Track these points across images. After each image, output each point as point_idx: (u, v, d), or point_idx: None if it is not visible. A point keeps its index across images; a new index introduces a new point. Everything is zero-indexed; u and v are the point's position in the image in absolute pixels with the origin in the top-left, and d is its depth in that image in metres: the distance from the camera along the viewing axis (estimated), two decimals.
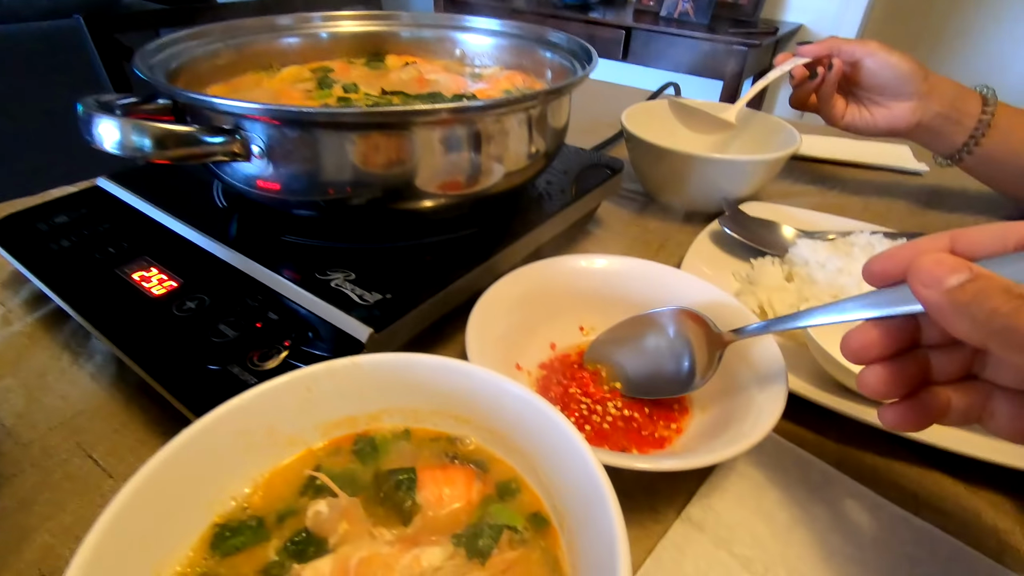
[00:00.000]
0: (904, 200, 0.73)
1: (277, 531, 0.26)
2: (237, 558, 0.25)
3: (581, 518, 0.25)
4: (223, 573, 0.25)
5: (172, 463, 0.25)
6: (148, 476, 0.24)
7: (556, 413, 0.27)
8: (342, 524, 0.26)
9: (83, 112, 0.36)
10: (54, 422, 0.39)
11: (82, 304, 0.40)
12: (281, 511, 0.27)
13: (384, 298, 0.39)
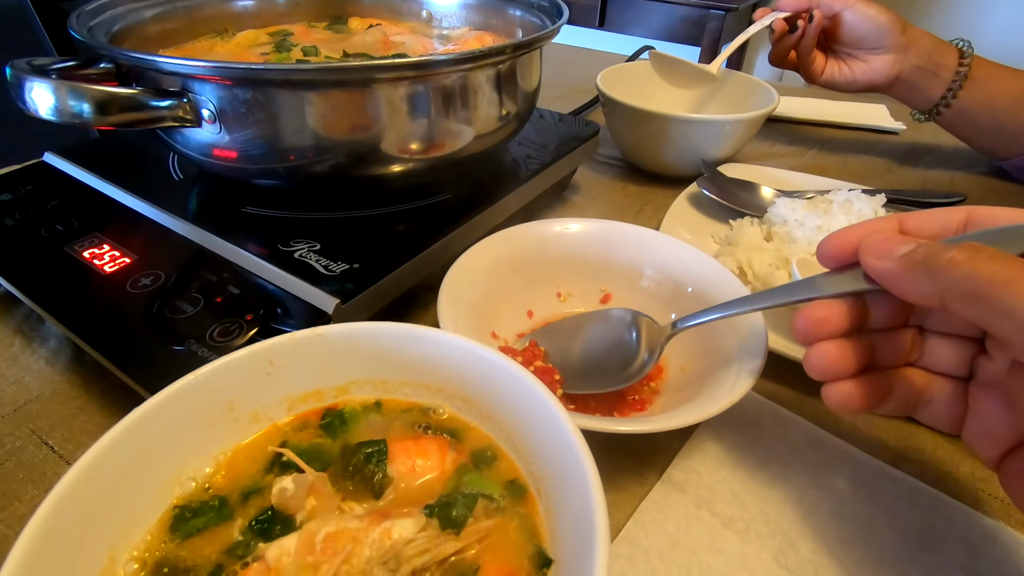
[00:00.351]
0: (882, 158, 0.73)
1: (241, 510, 0.25)
2: (199, 539, 0.24)
3: (558, 483, 0.25)
4: (184, 556, 0.24)
5: (122, 443, 0.24)
6: (95, 458, 0.23)
7: (529, 376, 0.26)
8: (309, 500, 0.25)
9: (12, 76, 0.34)
10: (6, 409, 0.37)
11: (30, 286, 0.37)
12: (246, 489, 0.26)
13: (351, 268, 0.37)
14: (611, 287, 0.44)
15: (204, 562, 0.23)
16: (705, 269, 0.40)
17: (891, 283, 0.25)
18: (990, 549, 0.29)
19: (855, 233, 0.27)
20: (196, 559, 0.24)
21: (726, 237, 0.52)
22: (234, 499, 0.26)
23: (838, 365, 0.27)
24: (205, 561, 0.23)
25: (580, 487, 0.22)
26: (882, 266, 0.25)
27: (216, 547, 0.24)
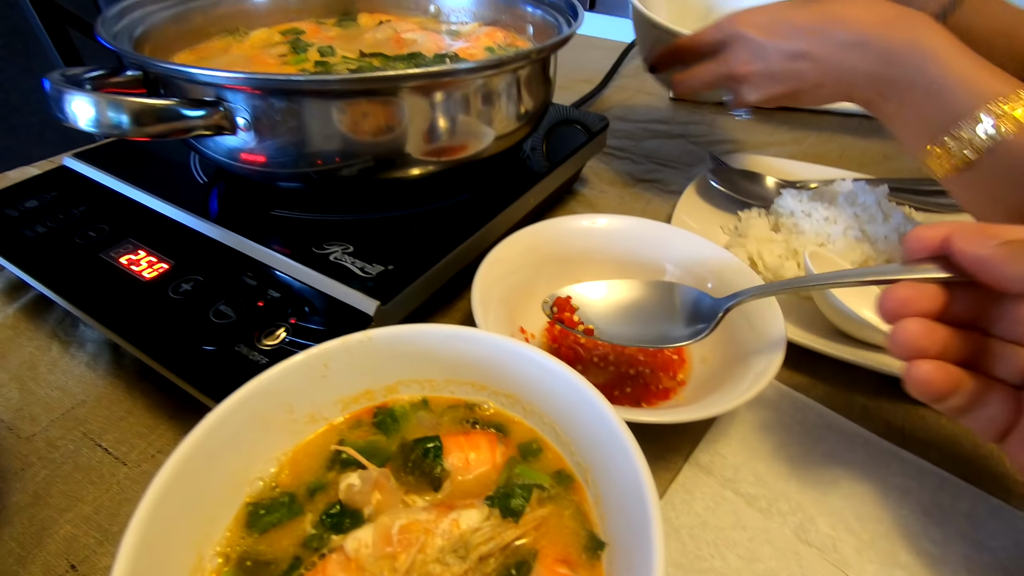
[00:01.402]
0: (879, 145, 0.75)
1: (310, 505, 0.27)
2: (274, 534, 0.26)
3: (605, 472, 0.27)
4: (263, 549, 0.25)
5: (197, 450, 0.25)
6: (178, 463, 0.24)
7: (574, 374, 0.28)
8: (375, 495, 0.27)
9: (52, 89, 0.34)
10: (55, 414, 0.38)
11: (75, 294, 0.38)
12: (311, 485, 0.28)
13: (386, 270, 0.38)
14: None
15: (283, 554, 0.25)
16: (725, 265, 0.42)
17: (988, 268, 0.25)
18: (992, 523, 0.32)
19: (943, 228, 0.27)
20: (275, 552, 0.25)
21: (735, 228, 0.54)
22: (301, 495, 0.27)
23: (923, 342, 0.26)
24: (284, 553, 0.25)
25: (629, 475, 0.24)
26: (980, 251, 0.25)
27: (292, 540, 0.26)
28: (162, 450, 0.36)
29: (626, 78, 0.95)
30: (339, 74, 0.44)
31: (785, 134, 0.78)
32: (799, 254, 0.48)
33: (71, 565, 0.30)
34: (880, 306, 0.28)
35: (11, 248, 0.42)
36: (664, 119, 0.82)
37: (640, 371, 0.40)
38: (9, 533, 0.31)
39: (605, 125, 0.60)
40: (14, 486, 0.34)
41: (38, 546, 0.31)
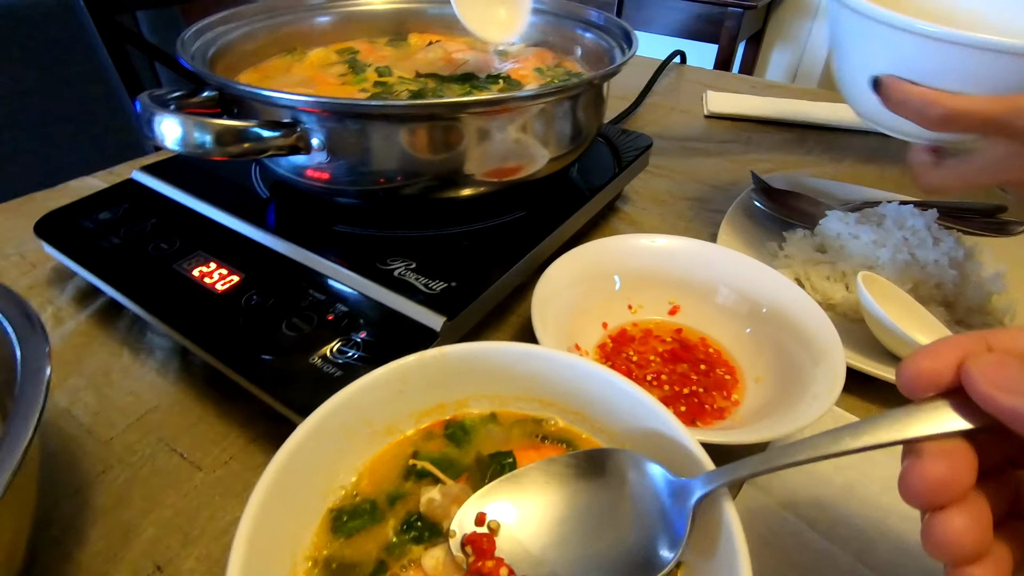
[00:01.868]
0: None
1: (391, 512, 0.28)
2: (359, 539, 0.27)
3: None
4: (348, 554, 0.27)
5: (290, 461, 0.26)
6: (273, 477, 0.25)
7: (643, 392, 0.29)
8: (453, 508, 0.28)
9: (143, 109, 0.36)
10: (130, 419, 0.39)
11: (155, 305, 0.40)
12: (390, 494, 0.29)
13: (449, 286, 0.40)
14: (681, 300, 0.46)
15: (368, 558, 0.26)
16: (779, 289, 0.42)
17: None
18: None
19: (948, 354, 0.21)
20: (360, 556, 0.26)
21: (781, 248, 0.54)
22: (382, 502, 0.29)
23: (979, 546, 0.20)
24: (368, 557, 0.26)
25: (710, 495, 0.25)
26: (1015, 403, 0.19)
27: (375, 545, 0.27)
28: (235, 457, 0.37)
29: (660, 95, 0.96)
30: (415, 100, 0.45)
31: (823, 154, 0.79)
32: (847, 276, 0.48)
33: (157, 566, 0.31)
34: (907, 493, 0.21)
35: (89, 258, 0.44)
36: (700, 137, 0.83)
37: (694, 390, 0.41)
38: (97, 533, 0.33)
39: (649, 145, 0.61)
40: (97, 488, 0.35)
41: (124, 546, 0.32)
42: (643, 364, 0.43)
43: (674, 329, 0.46)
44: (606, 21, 0.54)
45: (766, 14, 2.20)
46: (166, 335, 0.45)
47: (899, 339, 0.40)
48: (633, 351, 0.44)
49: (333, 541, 0.27)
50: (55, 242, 0.45)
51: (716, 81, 1.03)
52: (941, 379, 0.21)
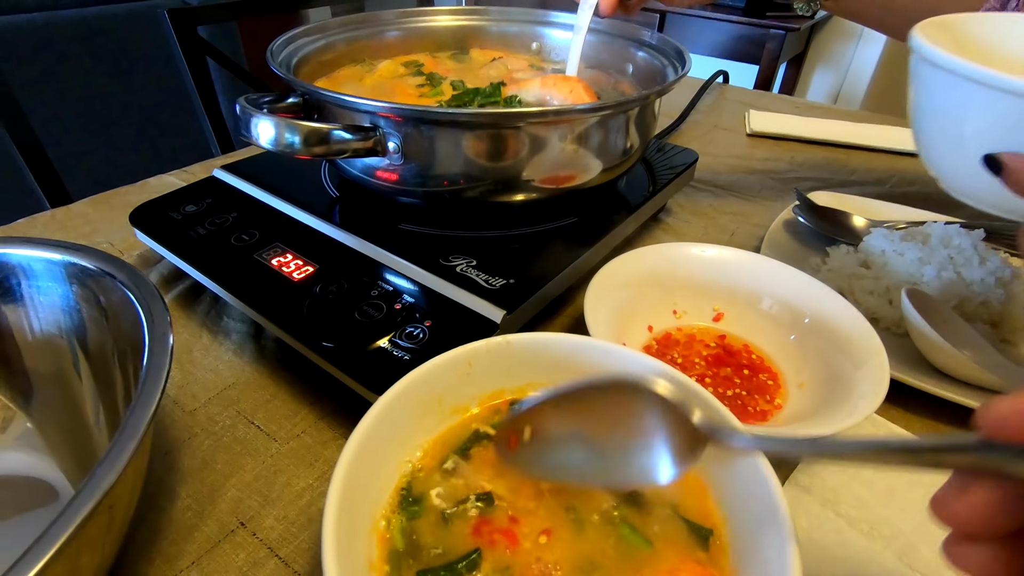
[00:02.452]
0: None
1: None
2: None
3: (730, 477, 0.29)
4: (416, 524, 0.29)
5: (377, 423, 0.29)
6: (363, 434, 0.28)
7: (698, 387, 0.31)
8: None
9: (242, 112, 0.40)
10: (211, 393, 0.43)
11: (239, 290, 0.43)
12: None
13: (508, 283, 0.42)
14: (725, 308, 0.48)
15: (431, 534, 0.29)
16: (822, 300, 0.44)
17: None
18: None
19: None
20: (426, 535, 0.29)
21: (823, 263, 0.56)
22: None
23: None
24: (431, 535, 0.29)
25: (756, 487, 0.27)
26: None
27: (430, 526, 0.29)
28: (306, 431, 0.40)
29: (702, 113, 0.98)
30: (488, 109, 0.48)
31: (867, 175, 0.79)
32: (892, 292, 0.49)
33: (240, 523, 0.34)
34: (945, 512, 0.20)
35: (178, 246, 0.48)
36: (742, 155, 0.84)
37: (737, 392, 0.42)
38: (186, 491, 0.36)
39: (695, 160, 0.63)
40: (184, 452, 0.39)
41: (211, 504, 0.35)
42: (687, 367, 0.45)
43: (718, 335, 0.47)
44: (659, 41, 0.57)
45: (808, 36, 2.20)
46: (240, 319, 0.49)
47: (945, 352, 0.41)
48: (678, 354, 0.46)
49: (401, 513, 0.29)
50: (148, 230, 0.50)
51: (758, 100, 1.04)
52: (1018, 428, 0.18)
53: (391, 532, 0.29)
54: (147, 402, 0.24)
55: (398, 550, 0.28)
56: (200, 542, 0.33)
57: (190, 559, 0.32)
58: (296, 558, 0.32)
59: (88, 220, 0.63)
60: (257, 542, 0.33)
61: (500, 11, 0.65)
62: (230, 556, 0.32)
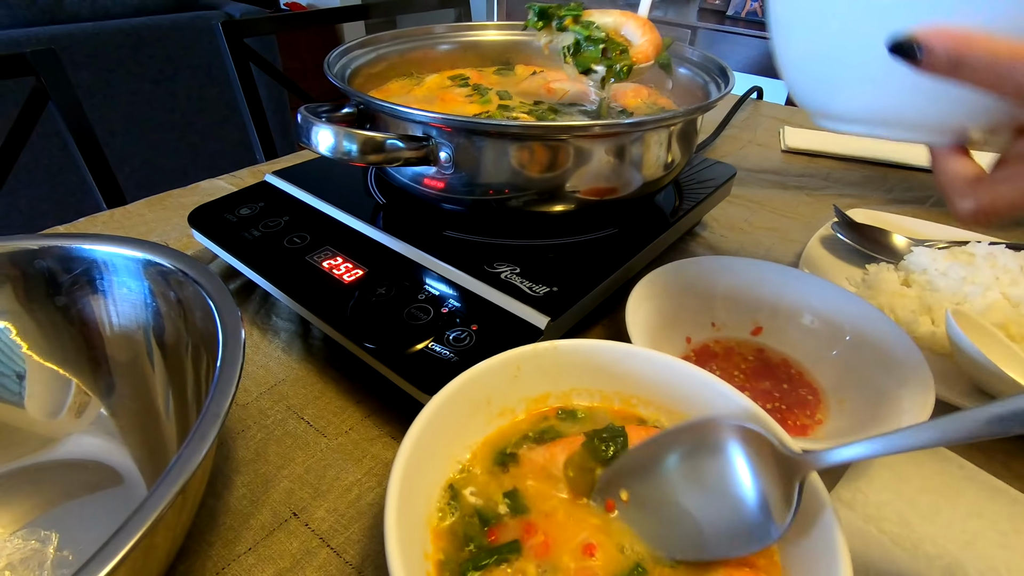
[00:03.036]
0: None
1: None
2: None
3: None
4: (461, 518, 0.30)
5: (431, 420, 0.30)
6: (419, 430, 0.29)
7: (742, 397, 0.32)
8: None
9: (303, 120, 0.42)
10: (262, 388, 0.45)
11: (293, 290, 0.45)
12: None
13: (551, 290, 0.43)
14: (764, 322, 0.48)
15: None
16: (864, 317, 0.44)
17: None
18: None
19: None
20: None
21: (863, 281, 0.55)
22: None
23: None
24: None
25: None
26: None
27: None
28: (353, 428, 0.41)
29: (737, 128, 0.98)
30: (543, 122, 0.49)
31: (905, 193, 0.79)
32: (934, 311, 0.49)
33: (293, 513, 0.36)
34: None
35: (235, 246, 0.50)
36: (777, 170, 0.84)
37: (776, 406, 0.43)
38: (241, 480, 0.38)
39: (733, 174, 0.63)
40: (238, 443, 0.40)
41: (264, 494, 0.37)
42: (726, 379, 0.45)
43: (756, 348, 0.48)
44: (702, 58, 0.58)
45: None
46: (288, 318, 0.51)
47: (991, 373, 0.41)
48: (716, 366, 0.46)
49: (449, 507, 0.30)
50: (205, 231, 0.52)
51: (793, 117, 1.04)
52: None
53: (443, 524, 0.30)
54: (225, 391, 0.26)
55: (450, 540, 0.29)
56: (256, 529, 0.35)
57: (247, 544, 0.34)
58: (347, 548, 0.34)
59: (144, 220, 0.66)
60: (309, 532, 0.35)
61: None
62: (284, 544, 0.34)
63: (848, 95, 0.31)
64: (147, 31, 1.97)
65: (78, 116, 0.75)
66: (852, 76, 0.29)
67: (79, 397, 0.34)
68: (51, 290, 0.34)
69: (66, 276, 0.34)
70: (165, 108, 2.03)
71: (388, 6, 1.19)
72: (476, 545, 0.28)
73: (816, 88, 0.33)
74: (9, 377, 0.33)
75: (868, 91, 0.29)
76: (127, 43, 1.92)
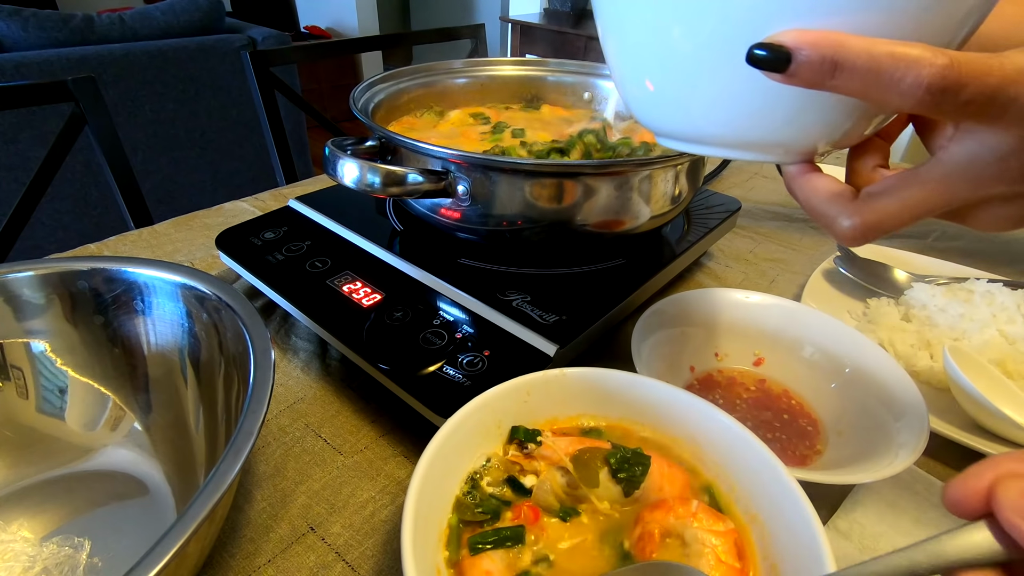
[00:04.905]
0: (1008, 247, 0.76)
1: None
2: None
3: (773, 523, 0.31)
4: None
5: (444, 443, 0.32)
6: (429, 461, 0.31)
7: (742, 427, 0.33)
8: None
9: (330, 153, 0.45)
10: (282, 406, 0.47)
11: (314, 313, 0.47)
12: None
13: (560, 319, 0.45)
14: (766, 353, 0.50)
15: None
16: (865, 352, 0.45)
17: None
18: None
19: (984, 477, 0.20)
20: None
21: (864, 315, 0.57)
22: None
23: None
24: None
25: (801, 527, 0.29)
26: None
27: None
28: (369, 447, 0.43)
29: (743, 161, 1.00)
30: (551, 161, 0.52)
31: (908, 228, 0.80)
32: (932, 346, 0.50)
33: (310, 527, 0.37)
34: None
35: (259, 269, 0.53)
36: (783, 203, 0.86)
37: (777, 436, 0.44)
38: (261, 495, 0.39)
39: (738, 208, 0.65)
40: (259, 459, 0.42)
41: (283, 508, 0.38)
42: (728, 408, 0.46)
43: (758, 379, 0.49)
44: None
45: None
46: (307, 339, 0.53)
47: (985, 410, 0.42)
48: (718, 395, 0.48)
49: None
50: (231, 253, 0.55)
51: None
52: (978, 503, 0.20)
53: (450, 528, 0.31)
54: (256, 410, 0.28)
55: (453, 533, 0.31)
56: (275, 542, 0.36)
57: (266, 556, 0.35)
58: (361, 564, 0.35)
59: (171, 240, 0.69)
60: (326, 546, 0.36)
61: (558, 63, 0.70)
62: (302, 557, 0.35)
63: (695, 114, 0.27)
64: (173, 53, 2.04)
65: (111, 139, 0.79)
66: (699, 92, 0.25)
67: (115, 412, 0.37)
68: (95, 309, 0.36)
69: (108, 296, 0.36)
70: (187, 126, 2.10)
71: (405, 36, 1.24)
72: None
73: (656, 105, 0.28)
74: (52, 391, 0.36)
75: (719, 108, 0.25)
76: (153, 64, 2.00)
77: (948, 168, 0.24)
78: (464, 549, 0.30)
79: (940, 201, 0.24)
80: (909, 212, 0.25)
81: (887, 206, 0.25)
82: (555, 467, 0.34)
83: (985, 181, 0.23)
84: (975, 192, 0.24)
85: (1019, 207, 0.24)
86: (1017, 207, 0.24)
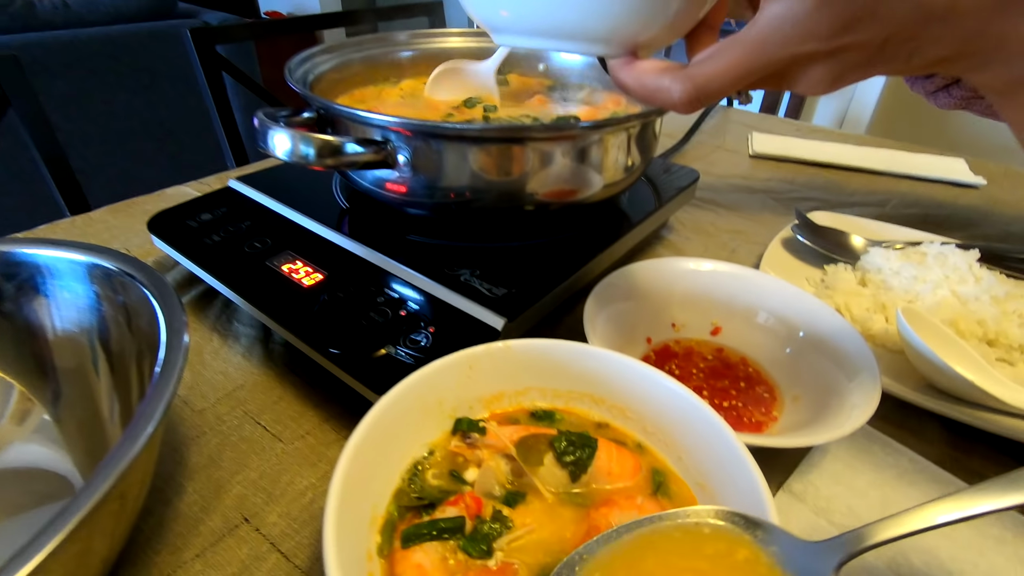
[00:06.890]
0: (963, 212, 0.76)
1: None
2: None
3: (722, 483, 0.30)
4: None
5: (377, 423, 0.30)
6: (362, 434, 0.29)
7: (691, 393, 0.32)
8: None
9: (260, 124, 0.42)
10: (220, 394, 0.44)
11: (250, 295, 0.45)
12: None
13: (510, 292, 0.43)
14: (723, 322, 0.49)
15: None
16: (818, 316, 0.44)
17: None
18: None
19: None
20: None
21: (821, 281, 0.57)
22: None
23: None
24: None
25: (749, 492, 0.28)
26: None
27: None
28: (311, 432, 0.41)
29: (706, 135, 1.00)
30: (491, 124, 0.50)
31: (866, 196, 0.81)
32: (887, 308, 0.50)
33: (244, 518, 0.35)
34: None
35: (194, 252, 0.50)
36: (744, 175, 0.86)
37: (733, 404, 0.43)
38: (193, 487, 0.37)
39: (696, 178, 0.64)
40: (192, 449, 0.40)
41: (216, 500, 0.36)
42: (684, 378, 0.45)
43: (715, 348, 0.48)
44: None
45: None
46: (250, 324, 0.51)
47: (938, 369, 0.42)
48: (675, 365, 0.47)
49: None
50: (165, 237, 0.52)
51: (762, 123, 1.06)
52: None
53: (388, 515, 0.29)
54: (160, 395, 0.26)
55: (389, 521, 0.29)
56: (205, 535, 0.34)
57: (195, 551, 0.33)
58: (297, 553, 0.33)
59: (107, 227, 0.65)
60: (260, 537, 0.34)
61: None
62: (233, 550, 0.33)
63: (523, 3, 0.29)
64: (123, 39, 1.95)
65: (41, 124, 0.74)
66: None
67: (21, 403, 0.34)
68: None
69: (10, 282, 0.33)
70: (143, 118, 2.01)
71: (349, 15, 1.19)
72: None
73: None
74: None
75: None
76: (103, 51, 1.90)
77: (762, 26, 0.25)
78: (397, 541, 0.28)
79: (759, 61, 0.26)
80: (734, 71, 0.26)
81: (713, 67, 0.27)
82: (499, 454, 0.32)
83: (796, 39, 0.24)
84: (788, 49, 0.25)
85: (832, 66, 0.25)
86: (830, 67, 0.25)
